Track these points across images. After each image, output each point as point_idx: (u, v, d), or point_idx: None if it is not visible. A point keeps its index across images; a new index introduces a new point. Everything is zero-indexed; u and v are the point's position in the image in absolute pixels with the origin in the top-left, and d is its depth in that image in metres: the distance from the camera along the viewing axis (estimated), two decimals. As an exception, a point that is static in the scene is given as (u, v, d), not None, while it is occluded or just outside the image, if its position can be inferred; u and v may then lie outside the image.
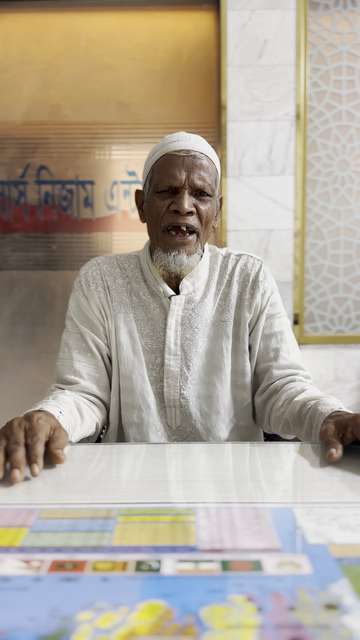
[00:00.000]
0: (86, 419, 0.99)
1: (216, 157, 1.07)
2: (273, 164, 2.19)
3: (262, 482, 0.70)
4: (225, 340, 1.08)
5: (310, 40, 2.18)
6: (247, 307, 1.08)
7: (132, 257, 1.15)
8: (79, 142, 2.27)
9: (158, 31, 2.23)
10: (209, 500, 0.63)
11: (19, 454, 0.70)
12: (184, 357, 1.07)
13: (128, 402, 1.08)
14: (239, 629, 0.40)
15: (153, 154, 1.05)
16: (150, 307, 1.09)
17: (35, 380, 2.35)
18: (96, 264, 1.13)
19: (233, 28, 2.14)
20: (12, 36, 2.24)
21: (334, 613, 0.41)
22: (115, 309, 1.09)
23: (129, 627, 0.40)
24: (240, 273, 1.11)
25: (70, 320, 1.10)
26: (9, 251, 2.31)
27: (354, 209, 2.25)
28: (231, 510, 0.60)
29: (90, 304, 1.09)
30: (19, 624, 0.40)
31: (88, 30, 2.23)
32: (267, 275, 1.11)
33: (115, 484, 0.70)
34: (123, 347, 1.08)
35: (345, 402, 2.30)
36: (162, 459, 0.81)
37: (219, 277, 1.11)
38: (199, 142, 1.04)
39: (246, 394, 1.10)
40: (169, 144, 1.03)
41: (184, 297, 1.08)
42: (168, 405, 1.08)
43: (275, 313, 1.11)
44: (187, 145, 1.02)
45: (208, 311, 1.09)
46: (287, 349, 1.09)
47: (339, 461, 0.75)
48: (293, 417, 0.96)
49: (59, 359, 1.10)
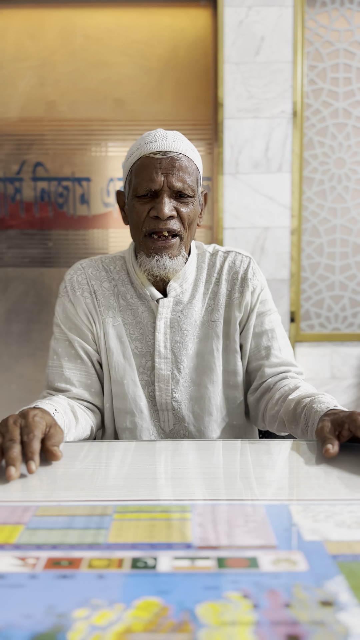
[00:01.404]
0: (80, 421, 0.98)
1: (196, 154, 1.04)
2: (270, 162, 2.19)
3: (257, 479, 0.70)
4: (216, 341, 1.07)
5: (307, 38, 2.18)
6: (237, 306, 1.07)
7: (118, 258, 1.12)
8: (75, 138, 2.26)
9: (155, 28, 2.22)
10: (204, 497, 0.63)
11: (15, 451, 0.69)
12: (175, 360, 1.06)
13: (120, 408, 1.06)
14: (234, 625, 0.39)
15: (130, 155, 1.02)
16: (138, 310, 1.07)
17: (31, 378, 2.34)
18: (81, 268, 1.10)
19: (230, 25, 2.14)
20: (7, 32, 2.22)
21: (329, 610, 0.41)
22: (103, 313, 1.07)
23: (124, 624, 0.40)
24: (229, 271, 1.09)
25: (58, 327, 1.08)
26: (5, 248, 2.30)
27: (351, 206, 2.26)
28: (227, 507, 0.60)
29: (77, 310, 1.07)
30: (15, 621, 0.40)
31: (84, 27, 2.22)
32: (256, 272, 1.09)
33: (111, 481, 0.70)
34: (113, 352, 1.06)
35: (341, 399, 2.31)
36: (158, 456, 0.81)
37: (207, 275, 1.09)
38: (176, 140, 1.00)
39: (238, 393, 1.10)
40: (146, 145, 0.99)
41: (172, 299, 1.06)
42: (160, 409, 1.07)
43: (266, 310, 1.10)
44: (164, 146, 0.98)
45: (197, 312, 1.07)
46: (279, 346, 1.09)
47: (334, 458, 0.76)
48: (288, 416, 0.96)
49: (49, 366, 1.08)
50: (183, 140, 1.02)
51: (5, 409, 2.31)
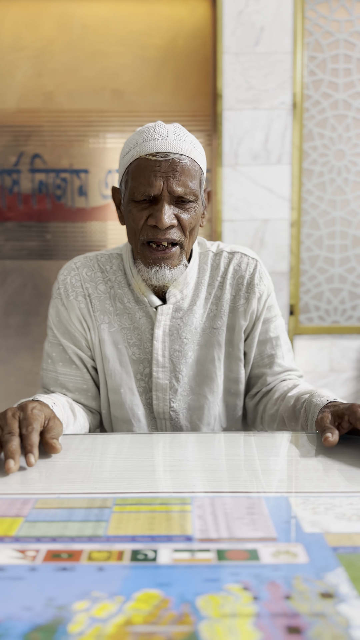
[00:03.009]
0: (78, 417, 0.97)
1: (200, 153, 0.94)
2: (269, 153, 2.18)
3: (257, 471, 0.70)
4: (218, 349, 1.02)
5: (307, 28, 2.16)
6: (242, 314, 1.01)
7: (114, 256, 1.05)
8: (73, 130, 2.24)
9: (153, 18, 2.20)
10: (204, 489, 0.63)
11: (14, 444, 0.69)
12: (173, 368, 1.01)
13: (118, 416, 1.03)
14: (235, 617, 0.39)
15: (127, 153, 0.93)
16: (136, 315, 1.01)
17: (29, 371, 2.34)
18: (75, 269, 1.03)
19: (229, 15, 2.12)
20: (4, 22, 2.20)
21: (329, 602, 0.41)
22: (98, 319, 1.01)
23: (125, 616, 0.40)
24: (234, 274, 1.02)
25: (51, 331, 1.04)
26: (3, 240, 2.29)
27: (350, 199, 2.25)
28: (227, 500, 0.60)
29: (70, 315, 1.01)
30: (15, 614, 0.40)
31: (82, 16, 2.20)
32: (262, 276, 1.03)
33: (111, 474, 0.70)
34: (109, 359, 1.01)
35: (340, 392, 2.31)
36: (157, 449, 0.81)
37: (210, 278, 1.02)
38: (178, 138, 0.90)
39: (239, 400, 1.07)
40: (144, 144, 0.90)
41: (172, 306, 0.99)
42: (158, 417, 1.04)
43: (272, 317, 1.05)
44: (164, 146, 0.89)
45: (198, 318, 1.01)
46: (282, 354, 1.05)
47: (334, 451, 0.76)
48: (287, 412, 0.95)
49: (43, 369, 1.04)
50: (185, 137, 0.92)
51: (4, 401, 2.31)
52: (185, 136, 0.92)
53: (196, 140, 0.95)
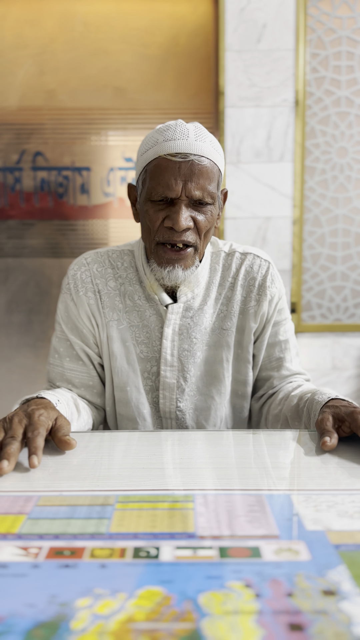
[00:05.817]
0: (82, 414, 0.97)
1: (219, 154, 0.93)
2: (271, 151, 2.17)
3: (259, 469, 0.70)
4: (227, 351, 1.02)
5: (310, 25, 2.15)
6: (252, 316, 1.01)
7: (126, 252, 1.05)
8: (75, 127, 2.24)
9: (155, 15, 2.19)
10: (207, 487, 0.63)
11: (12, 448, 0.69)
12: (181, 368, 1.01)
13: (123, 414, 1.03)
14: (237, 615, 0.40)
15: (146, 151, 0.92)
16: (146, 313, 1.01)
17: (32, 369, 2.34)
18: (85, 264, 1.03)
19: (231, 12, 2.11)
20: (6, 20, 2.20)
21: (332, 599, 0.41)
22: (107, 316, 1.01)
23: (127, 613, 0.40)
24: (245, 276, 1.01)
25: (59, 326, 1.04)
26: (5, 238, 2.29)
27: (353, 196, 2.24)
28: (229, 497, 0.60)
29: (79, 311, 1.01)
30: (18, 610, 0.40)
31: (84, 14, 2.19)
32: (274, 279, 1.03)
33: (113, 471, 0.70)
34: (117, 357, 1.01)
35: (342, 390, 2.31)
36: (159, 446, 0.81)
37: (221, 279, 1.02)
38: (199, 139, 0.89)
39: (246, 402, 1.07)
40: (164, 143, 0.89)
41: (182, 304, 1.00)
42: (164, 417, 1.03)
43: (282, 320, 1.05)
44: (184, 147, 0.88)
45: (208, 318, 1.01)
46: (290, 358, 1.05)
47: (336, 448, 0.76)
48: (291, 412, 0.95)
49: (50, 364, 1.04)
50: (206, 138, 0.91)
51: (6, 399, 2.32)
52: (206, 137, 0.91)
53: (216, 141, 0.94)
